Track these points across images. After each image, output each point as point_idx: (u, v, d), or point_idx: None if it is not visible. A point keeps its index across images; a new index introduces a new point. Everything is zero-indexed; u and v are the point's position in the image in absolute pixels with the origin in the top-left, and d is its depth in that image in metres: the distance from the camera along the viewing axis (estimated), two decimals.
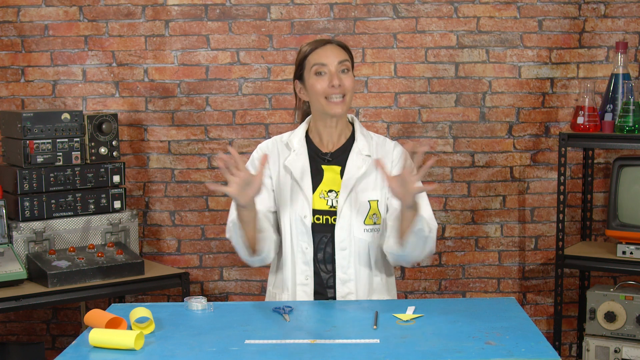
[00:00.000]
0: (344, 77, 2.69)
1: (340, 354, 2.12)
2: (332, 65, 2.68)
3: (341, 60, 2.69)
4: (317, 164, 2.74)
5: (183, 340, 2.25)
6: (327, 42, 2.75)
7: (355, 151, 2.73)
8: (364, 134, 2.78)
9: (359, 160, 2.72)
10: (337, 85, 2.66)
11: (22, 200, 3.60)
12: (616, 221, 3.76)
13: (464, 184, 4.23)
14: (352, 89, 2.71)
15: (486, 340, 2.20)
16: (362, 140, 2.75)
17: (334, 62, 2.68)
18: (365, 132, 2.80)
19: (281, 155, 2.76)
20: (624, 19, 4.13)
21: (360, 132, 2.78)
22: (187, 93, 4.16)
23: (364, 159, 2.72)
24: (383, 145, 2.77)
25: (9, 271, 3.44)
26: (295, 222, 2.68)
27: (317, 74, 2.69)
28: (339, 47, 2.73)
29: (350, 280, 2.68)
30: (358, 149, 2.74)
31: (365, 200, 2.69)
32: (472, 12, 4.12)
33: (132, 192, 4.20)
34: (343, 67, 2.69)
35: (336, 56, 2.69)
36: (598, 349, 3.74)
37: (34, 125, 3.63)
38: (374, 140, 2.78)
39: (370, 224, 2.68)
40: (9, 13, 4.09)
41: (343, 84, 2.67)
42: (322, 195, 2.69)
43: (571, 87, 4.18)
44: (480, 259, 4.26)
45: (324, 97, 2.68)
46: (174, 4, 4.10)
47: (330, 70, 2.68)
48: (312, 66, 2.70)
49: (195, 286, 4.24)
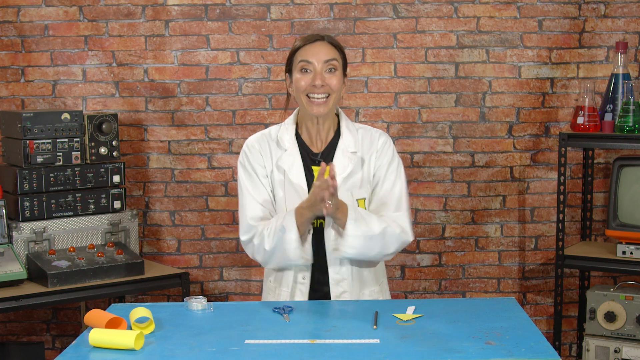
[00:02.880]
0: (329, 77, 2.65)
1: (340, 354, 2.12)
2: (318, 63, 2.65)
3: (328, 59, 2.66)
4: (308, 164, 2.73)
5: (183, 340, 2.25)
6: (319, 38, 2.71)
7: (341, 149, 2.71)
8: (349, 128, 2.75)
9: (345, 159, 2.70)
10: (320, 85, 2.63)
11: (22, 200, 3.60)
12: (616, 221, 3.76)
13: (464, 184, 4.23)
14: (338, 89, 2.67)
15: (486, 340, 2.20)
16: (347, 136, 2.73)
17: (320, 60, 2.65)
18: (351, 125, 2.78)
19: (273, 153, 2.74)
20: (624, 19, 4.13)
21: (346, 126, 2.76)
22: (187, 93, 4.16)
23: (350, 157, 2.70)
24: (369, 138, 2.76)
25: (9, 271, 3.44)
26: None
27: (302, 70, 2.67)
28: (330, 45, 2.69)
29: (344, 280, 2.69)
30: (344, 146, 2.72)
31: (353, 200, 2.68)
32: (472, 12, 4.12)
33: (132, 192, 4.20)
34: (330, 66, 2.66)
35: (324, 54, 2.66)
36: (598, 349, 3.74)
37: (34, 125, 3.63)
38: (360, 133, 2.75)
39: None
40: (9, 13, 4.08)
41: (327, 84, 2.64)
42: None
43: (571, 87, 4.18)
44: (480, 259, 4.26)
45: (305, 95, 2.66)
46: (174, 4, 4.10)
47: (315, 68, 2.65)
48: (298, 62, 2.68)
49: (195, 286, 4.24)
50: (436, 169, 4.20)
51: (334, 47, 2.70)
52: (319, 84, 2.64)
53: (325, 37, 2.73)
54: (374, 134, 2.77)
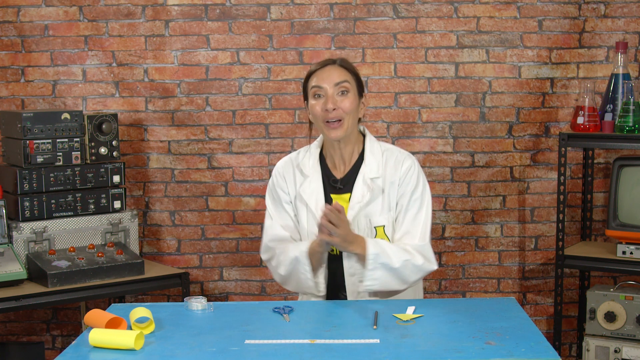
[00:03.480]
0: (341, 100, 2.64)
1: (340, 354, 2.12)
2: (329, 87, 2.64)
3: (339, 82, 2.64)
4: (328, 192, 2.73)
5: (183, 340, 2.25)
6: (329, 63, 2.70)
7: (362, 175, 2.70)
8: (373, 152, 2.72)
9: (364, 187, 2.68)
10: (331, 109, 2.62)
11: (22, 200, 3.60)
12: (616, 221, 3.76)
13: (464, 184, 4.23)
14: (351, 110, 2.65)
15: (486, 340, 2.20)
16: (370, 161, 2.71)
17: (331, 84, 2.64)
18: (376, 147, 2.74)
19: (297, 180, 2.75)
20: (624, 19, 4.13)
21: (370, 150, 2.73)
22: (187, 93, 4.16)
23: (369, 184, 2.68)
24: (393, 161, 2.72)
25: (9, 271, 3.44)
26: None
27: (315, 96, 2.67)
28: (341, 67, 2.68)
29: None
30: (365, 173, 2.69)
31: (372, 227, 2.68)
32: (472, 12, 4.12)
33: (132, 192, 4.20)
34: (342, 88, 2.65)
35: (335, 77, 2.65)
36: (598, 349, 3.74)
37: (34, 125, 3.63)
38: (384, 157, 2.73)
39: None
40: (9, 13, 4.08)
41: (339, 107, 2.63)
42: None
43: (571, 87, 4.18)
44: (480, 259, 4.26)
45: (322, 121, 2.66)
46: (174, 4, 4.10)
47: (327, 92, 2.64)
48: (311, 88, 2.68)
49: (195, 286, 4.24)
50: (436, 169, 4.20)
51: (346, 69, 2.69)
52: (331, 107, 2.63)
53: (337, 60, 2.72)
54: (399, 157, 2.74)
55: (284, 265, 2.67)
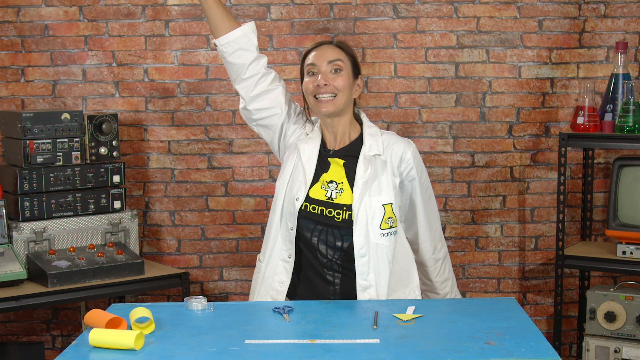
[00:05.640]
0: (334, 77, 2.67)
1: (340, 354, 2.12)
2: (322, 64, 2.68)
3: (332, 59, 2.68)
4: (324, 156, 2.74)
5: (183, 340, 2.25)
6: (325, 42, 2.76)
7: (363, 154, 2.70)
8: (372, 134, 2.73)
9: (366, 163, 2.69)
10: (323, 84, 2.65)
11: (22, 200, 3.60)
12: (616, 221, 3.76)
13: (464, 184, 4.23)
14: (344, 88, 2.68)
15: (486, 340, 2.20)
16: (370, 142, 2.71)
17: (324, 61, 2.68)
18: (375, 129, 2.76)
19: (301, 132, 2.81)
20: (624, 19, 4.13)
21: (369, 132, 2.74)
22: (187, 93, 4.16)
23: (370, 159, 2.69)
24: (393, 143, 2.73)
25: (9, 271, 3.44)
26: (288, 201, 2.70)
27: (309, 73, 2.72)
28: (337, 47, 2.72)
29: (371, 287, 2.67)
30: (365, 152, 2.70)
31: (380, 205, 2.68)
32: (472, 12, 4.12)
33: (132, 192, 4.20)
34: (335, 66, 2.68)
35: (329, 55, 2.69)
36: (598, 349, 3.74)
37: (34, 125, 3.63)
38: (384, 137, 2.74)
39: (386, 228, 2.67)
40: (9, 13, 4.09)
41: (332, 83, 2.66)
42: (323, 185, 2.69)
43: (571, 87, 4.18)
44: (480, 259, 4.27)
45: (313, 96, 2.69)
46: (174, 4, 4.10)
47: (320, 69, 2.68)
48: (305, 66, 2.73)
49: (195, 286, 4.24)
50: (436, 169, 4.20)
51: (341, 49, 2.73)
52: (322, 82, 2.66)
53: (333, 41, 2.77)
54: (400, 142, 2.74)
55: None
